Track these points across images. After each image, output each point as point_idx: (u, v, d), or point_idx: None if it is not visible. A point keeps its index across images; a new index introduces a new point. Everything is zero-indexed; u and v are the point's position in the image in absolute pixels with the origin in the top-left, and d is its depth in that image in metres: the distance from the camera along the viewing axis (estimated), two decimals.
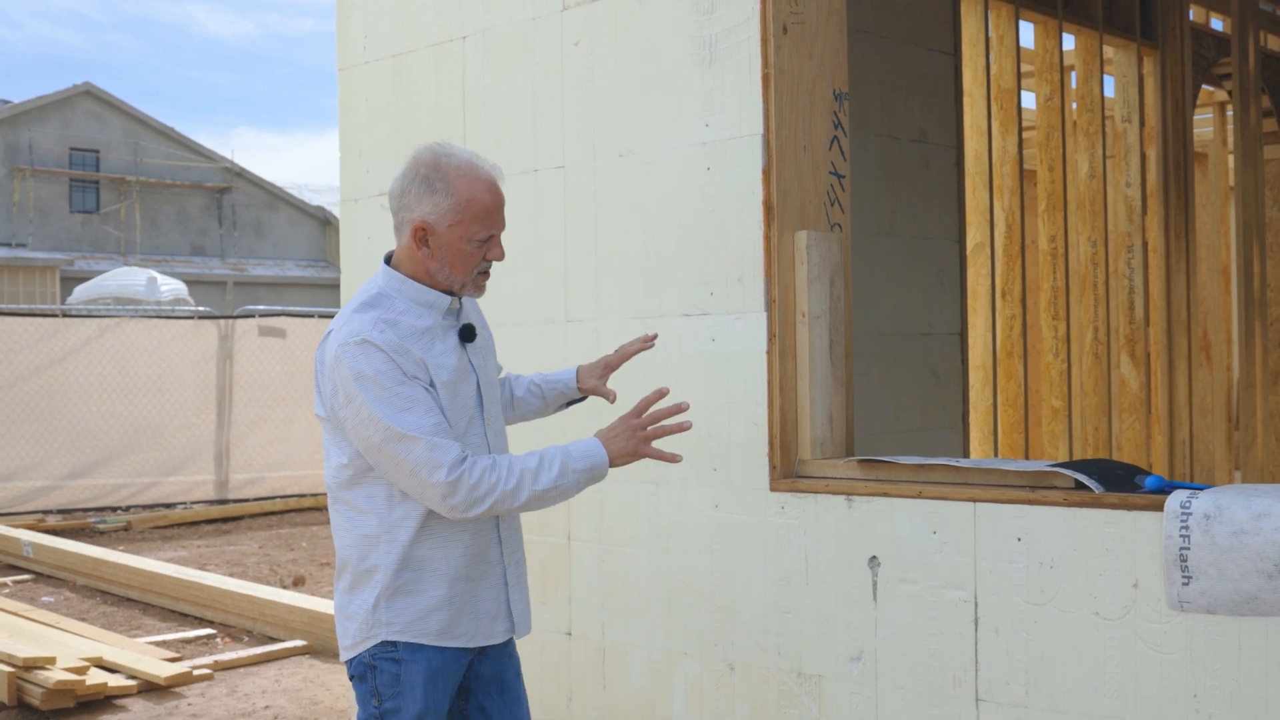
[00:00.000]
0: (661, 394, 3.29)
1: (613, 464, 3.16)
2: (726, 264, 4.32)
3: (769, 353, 4.19)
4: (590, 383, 3.67)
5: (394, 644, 3.17)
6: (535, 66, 4.97)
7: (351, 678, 3.26)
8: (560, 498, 3.14)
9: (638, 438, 3.13)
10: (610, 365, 3.68)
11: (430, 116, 5.37)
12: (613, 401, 3.61)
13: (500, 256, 3.23)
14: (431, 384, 3.11)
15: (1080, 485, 3.57)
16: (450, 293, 3.23)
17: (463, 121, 5.23)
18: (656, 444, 4.12)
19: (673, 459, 3.21)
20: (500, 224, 3.21)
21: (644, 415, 3.22)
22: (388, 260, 3.26)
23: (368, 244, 5.63)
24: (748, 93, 4.26)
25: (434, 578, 3.17)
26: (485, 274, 3.25)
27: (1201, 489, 3.37)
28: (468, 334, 3.25)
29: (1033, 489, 3.64)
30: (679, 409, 3.23)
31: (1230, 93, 8.52)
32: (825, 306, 4.15)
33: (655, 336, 3.64)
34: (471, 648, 3.26)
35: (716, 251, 4.36)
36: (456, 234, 3.14)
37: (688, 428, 3.16)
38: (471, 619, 3.23)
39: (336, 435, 3.18)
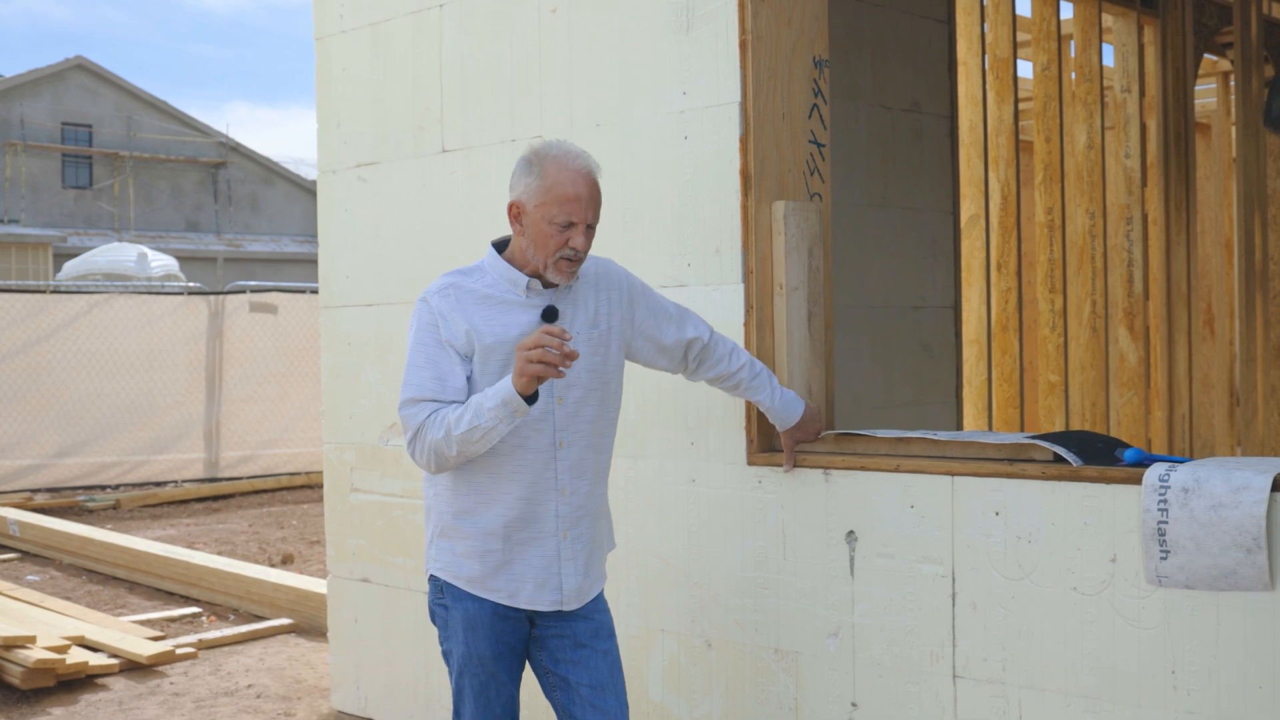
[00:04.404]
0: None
1: (519, 391, 3.24)
2: (704, 235, 4.32)
3: (746, 325, 4.19)
4: (789, 439, 4.05)
5: (440, 587, 3.54)
6: (513, 35, 4.96)
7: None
8: (485, 436, 3.30)
9: (522, 356, 3.21)
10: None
11: (408, 86, 5.36)
12: (788, 469, 4.09)
13: (581, 246, 3.40)
14: (471, 353, 3.41)
15: (1059, 458, 3.57)
16: (539, 274, 3.46)
17: (440, 91, 5.22)
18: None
19: (559, 364, 3.19)
20: (584, 215, 3.40)
21: (528, 339, 3.25)
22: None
23: (346, 216, 5.63)
24: (725, 59, 4.25)
25: (472, 529, 3.47)
26: (569, 260, 3.42)
27: (1181, 462, 3.37)
28: (548, 314, 3.45)
29: (1011, 462, 3.64)
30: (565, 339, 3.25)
31: (1233, 62, 8.49)
32: (804, 277, 4.14)
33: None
34: (515, 607, 3.48)
35: (694, 222, 4.35)
36: (540, 214, 3.39)
37: (575, 356, 3.20)
38: (510, 579, 3.47)
39: None
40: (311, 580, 8.24)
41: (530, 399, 3.26)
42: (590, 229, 3.43)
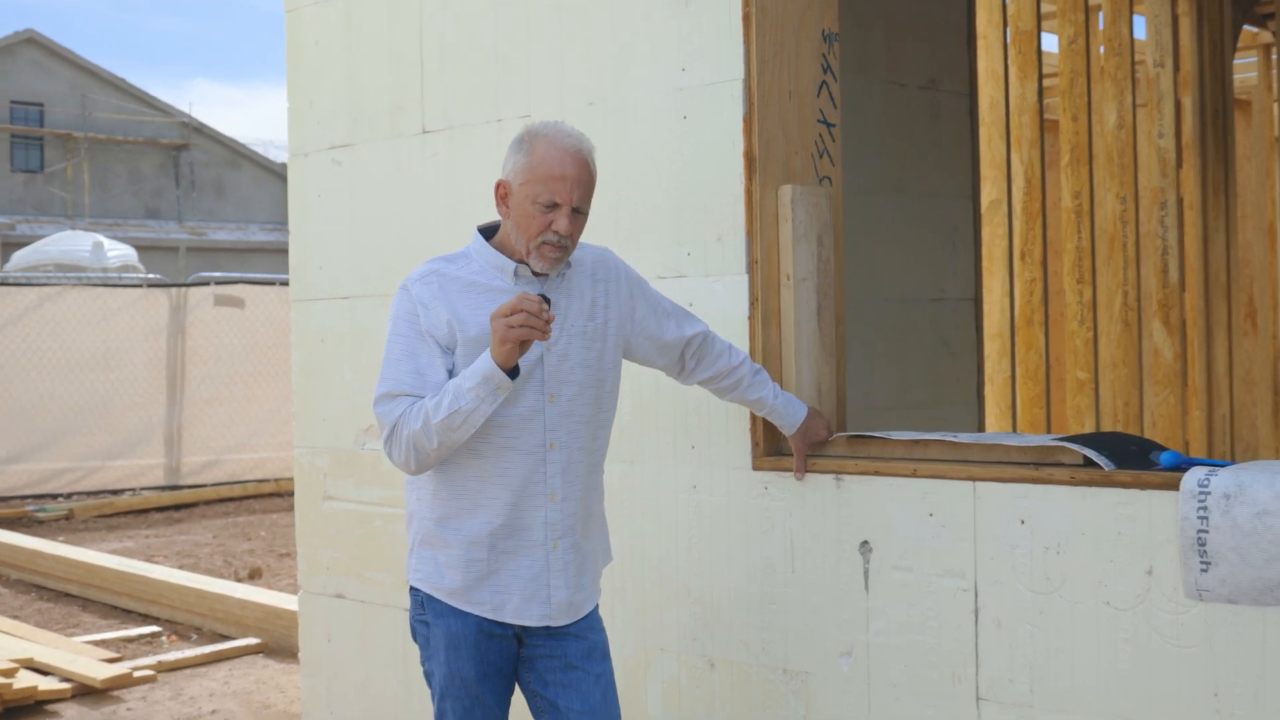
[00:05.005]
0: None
1: (500, 363, 3.24)
2: (705, 222, 4.31)
3: (751, 318, 4.18)
4: (798, 443, 4.05)
5: (421, 601, 3.54)
6: (498, 6, 4.95)
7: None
8: (468, 420, 3.30)
9: (501, 323, 3.21)
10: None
11: (385, 62, 5.35)
12: (798, 477, 4.09)
13: (564, 230, 3.39)
14: (453, 345, 3.41)
15: (1090, 462, 3.57)
16: (526, 260, 3.45)
17: (420, 68, 5.21)
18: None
19: (543, 327, 3.20)
20: (569, 196, 3.39)
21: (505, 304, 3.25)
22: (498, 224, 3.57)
23: (318, 202, 5.62)
24: (727, 33, 4.24)
25: (455, 536, 3.47)
26: (552, 245, 3.41)
27: (1222, 466, 3.36)
28: None
29: (1038, 466, 3.64)
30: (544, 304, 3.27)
31: (1275, 33, 8.49)
32: (812, 268, 4.14)
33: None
34: (502, 621, 3.47)
35: (694, 208, 4.35)
36: (524, 193, 3.40)
37: (551, 318, 3.22)
38: (495, 590, 3.47)
39: None
40: (281, 596, 8.24)
41: (512, 373, 3.26)
42: (578, 214, 3.42)
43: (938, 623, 3.81)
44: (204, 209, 37.32)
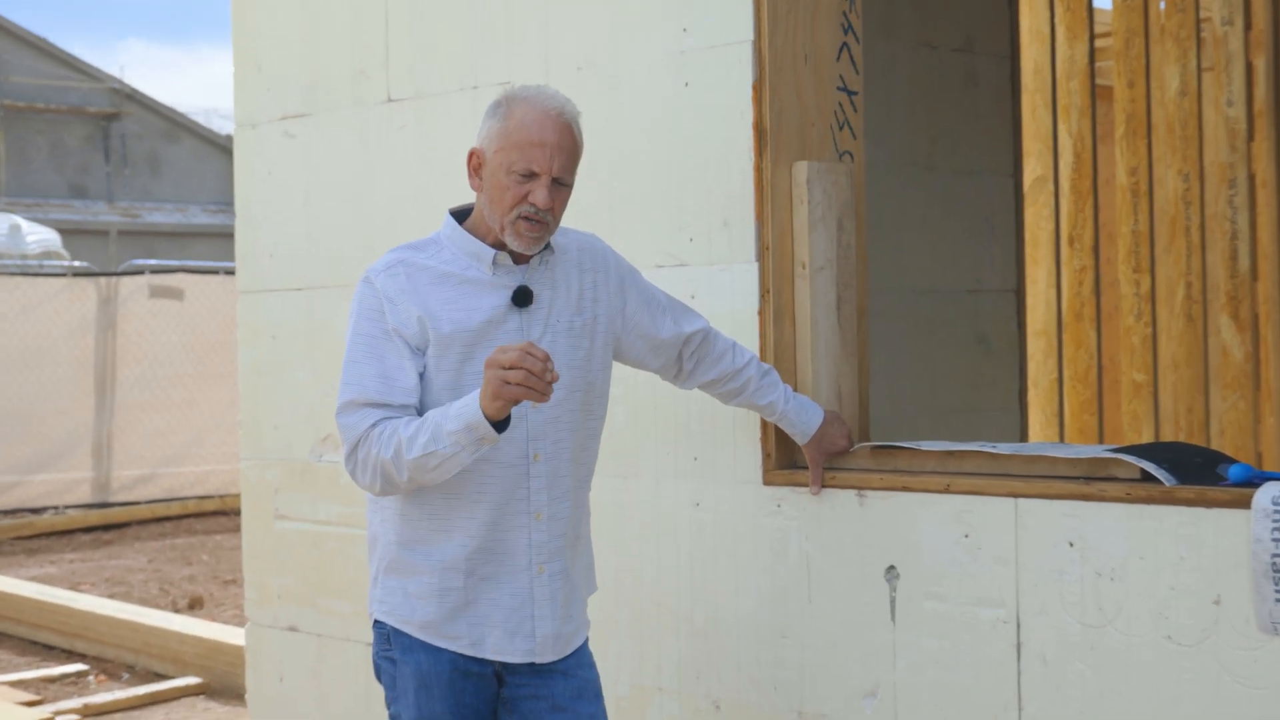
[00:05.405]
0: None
1: (489, 416, 3.21)
2: (709, 203, 4.32)
3: (761, 313, 4.19)
4: (814, 453, 4.05)
5: (387, 636, 3.53)
6: None
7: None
8: (445, 465, 3.29)
9: (497, 376, 3.15)
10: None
11: (345, 20, 5.35)
12: (814, 492, 4.09)
13: (542, 202, 3.38)
14: (425, 345, 3.41)
15: (1148, 476, 3.57)
16: (502, 246, 3.46)
17: (385, 27, 5.22)
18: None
19: (544, 389, 3.17)
20: (548, 164, 3.39)
21: (506, 353, 3.19)
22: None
23: (269, 180, 5.63)
24: None
25: (426, 562, 3.47)
26: (529, 221, 3.40)
27: None
28: (521, 297, 3.46)
29: (1088, 481, 3.64)
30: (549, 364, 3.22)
31: None
32: (832, 255, 4.15)
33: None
34: (480, 657, 3.47)
35: (696, 187, 4.36)
36: (498, 162, 3.41)
37: (556, 379, 3.18)
38: (472, 623, 3.47)
39: None
40: (226, 629, 8.24)
41: (501, 425, 3.23)
42: (560, 186, 3.43)
43: (974, 659, 3.82)
44: (137, 187, 37.28)
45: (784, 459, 4.20)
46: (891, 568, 3.97)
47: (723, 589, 4.33)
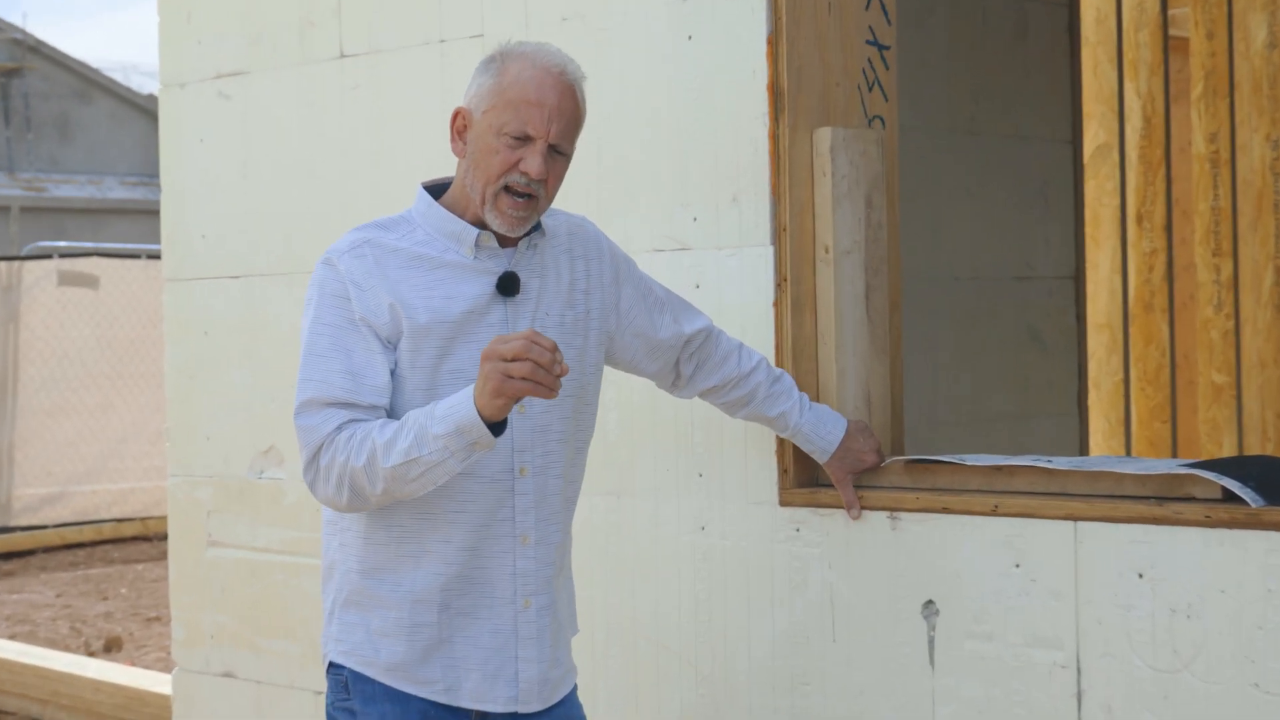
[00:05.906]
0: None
1: (486, 417, 3.17)
2: (716, 177, 4.33)
3: (777, 304, 4.20)
4: (839, 471, 4.05)
5: (344, 683, 3.47)
6: None
7: None
8: (429, 475, 3.23)
9: (500, 369, 3.12)
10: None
11: None
12: (854, 516, 4.08)
13: (534, 171, 3.37)
14: (397, 337, 3.38)
15: (1231, 496, 3.58)
16: (483, 223, 3.45)
17: None
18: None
19: (553, 384, 3.18)
20: (544, 128, 3.38)
21: (508, 343, 3.17)
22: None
23: (201, 149, 5.63)
24: None
25: (393, 593, 3.43)
26: (513, 196, 3.39)
27: None
28: (506, 285, 3.45)
29: (1160, 501, 3.65)
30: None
31: None
32: (860, 237, 4.16)
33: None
34: (455, 705, 3.44)
35: (701, 158, 4.36)
36: (487, 122, 3.41)
37: (565, 371, 3.16)
38: (447, 665, 3.44)
39: None
40: (149, 675, 8.24)
41: (498, 427, 3.19)
42: (557, 156, 3.43)
43: (1027, 709, 3.83)
44: (44, 155, 37.26)
45: (804, 475, 4.20)
46: (929, 602, 3.98)
47: (732, 627, 4.34)
